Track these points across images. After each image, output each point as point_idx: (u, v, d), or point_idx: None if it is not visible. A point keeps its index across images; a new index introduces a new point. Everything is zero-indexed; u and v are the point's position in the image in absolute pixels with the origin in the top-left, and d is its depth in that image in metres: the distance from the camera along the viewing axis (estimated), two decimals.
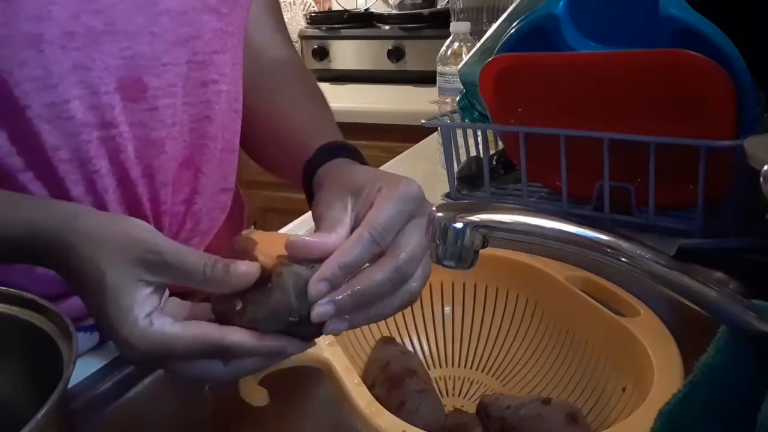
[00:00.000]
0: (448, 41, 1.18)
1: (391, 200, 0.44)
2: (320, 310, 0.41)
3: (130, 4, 0.52)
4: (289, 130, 0.63)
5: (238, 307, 0.42)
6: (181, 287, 0.43)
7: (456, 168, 0.88)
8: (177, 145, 0.58)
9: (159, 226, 0.59)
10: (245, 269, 0.41)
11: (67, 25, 0.49)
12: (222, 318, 0.42)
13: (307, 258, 0.42)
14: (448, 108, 0.99)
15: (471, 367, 0.68)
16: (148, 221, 0.58)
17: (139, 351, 0.41)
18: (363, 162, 0.55)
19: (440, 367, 0.69)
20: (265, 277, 0.41)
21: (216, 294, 0.43)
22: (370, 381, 0.61)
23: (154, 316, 0.41)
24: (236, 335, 0.41)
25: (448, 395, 0.66)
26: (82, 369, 0.55)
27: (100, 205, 0.55)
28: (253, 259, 0.42)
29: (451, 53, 1.16)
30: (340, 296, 0.41)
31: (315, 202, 0.50)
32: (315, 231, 0.46)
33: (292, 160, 0.58)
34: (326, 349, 0.56)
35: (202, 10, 0.56)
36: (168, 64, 0.55)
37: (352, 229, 0.44)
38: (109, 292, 0.41)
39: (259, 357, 0.43)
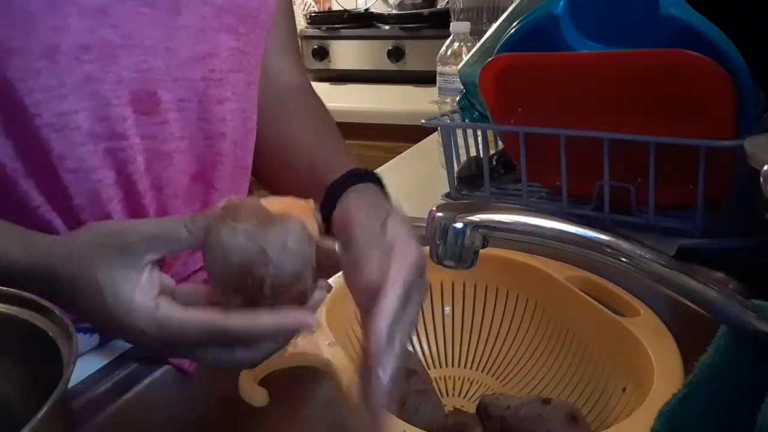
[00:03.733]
0: (448, 41, 1.18)
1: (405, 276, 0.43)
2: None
3: (148, 18, 0.52)
4: (299, 158, 0.64)
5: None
6: None
7: (456, 168, 0.88)
8: (187, 159, 0.58)
9: None
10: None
11: (83, 37, 0.49)
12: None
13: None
14: (448, 108, 0.99)
15: (471, 367, 0.68)
16: None
17: (153, 337, 0.40)
18: (382, 186, 0.54)
19: (440, 367, 0.69)
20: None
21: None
22: None
23: (161, 300, 0.41)
24: (239, 319, 0.40)
25: (448, 395, 0.66)
26: (82, 369, 0.55)
27: (103, 214, 0.55)
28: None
29: (451, 53, 1.16)
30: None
31: (349, 236, 0.47)
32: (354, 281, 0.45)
33: (303, 188, 0.57)
34: (326, 349, 0.56)
35: (219, 29, 0.57)
36: (182, 79, 0.55)
37: None
38: (106, 289, 0.40)
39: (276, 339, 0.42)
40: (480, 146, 0.85)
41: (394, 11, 2.07)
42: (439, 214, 0.36)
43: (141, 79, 0.53)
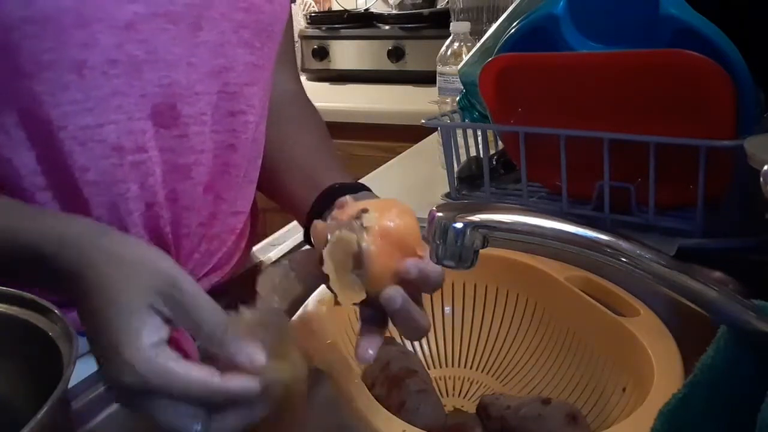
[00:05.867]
0: (448, 41, 1.18)
1: None
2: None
3: (172, 34, 0.53)
4: (292, 159, 0.68)
5: None
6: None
7: (456, 168, 0.88)
8: (203, 171, 0.59)
9: (178, 248, 0.60)
10: (258, 357, 0.41)
11: (111, 52, 0.50)
12: None
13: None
14: (448, 108, 0.99)
15: (471, 367, 0.68)
16: (169, 243, 0.59)
17: (137, 376, 0.38)
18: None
19: (440, 367, 0.69)
20: None
21: None
22: (370, 381, 0.60)
23: (161, 349, 0.39)
24: (238, 381, 0.40)
25: (448, 395, 0.66)
26: (82, 369, 0.54)
27: (122, 227, 0.55)
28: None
29: (451, 53, 1.16)
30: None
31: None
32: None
33: (295, 189, 0.63)
34: (326, 349, 0.55)
35: (237, 44, 0.58)
36: (201, 93, 0.56)
37: None
38: (122, 311, 0.39)
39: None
40: (480, 146, 0.85)
41: (394, 11, 2.07)
42: (439, 214, 0.36)
43: (163, 93, 0.54)
